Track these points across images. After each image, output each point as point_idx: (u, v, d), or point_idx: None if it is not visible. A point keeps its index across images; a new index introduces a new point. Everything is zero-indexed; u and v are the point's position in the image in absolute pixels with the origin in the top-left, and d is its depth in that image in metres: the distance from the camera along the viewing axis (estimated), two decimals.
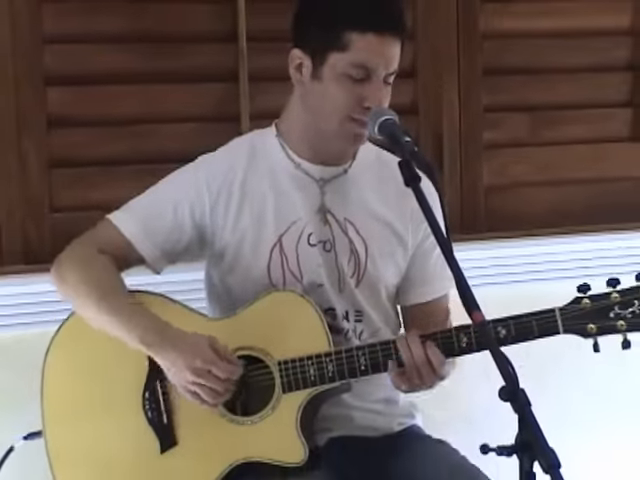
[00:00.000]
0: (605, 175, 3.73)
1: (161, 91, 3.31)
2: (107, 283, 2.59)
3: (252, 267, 2.65)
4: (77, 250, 2.65)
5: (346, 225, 2.68)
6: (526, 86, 3.63)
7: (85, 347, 2.65)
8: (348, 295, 2.69)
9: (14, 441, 2.78)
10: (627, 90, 3.72)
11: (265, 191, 2.66)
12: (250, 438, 2.55)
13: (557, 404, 3.54)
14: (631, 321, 2.44)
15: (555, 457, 1.90)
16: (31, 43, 3.16)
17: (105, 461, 2.60)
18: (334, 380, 2.53)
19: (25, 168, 3.19)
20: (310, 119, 2.63)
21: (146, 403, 2.59)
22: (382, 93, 2.56)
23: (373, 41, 2.53)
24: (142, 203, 2.68)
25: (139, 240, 2.64)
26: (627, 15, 3.68)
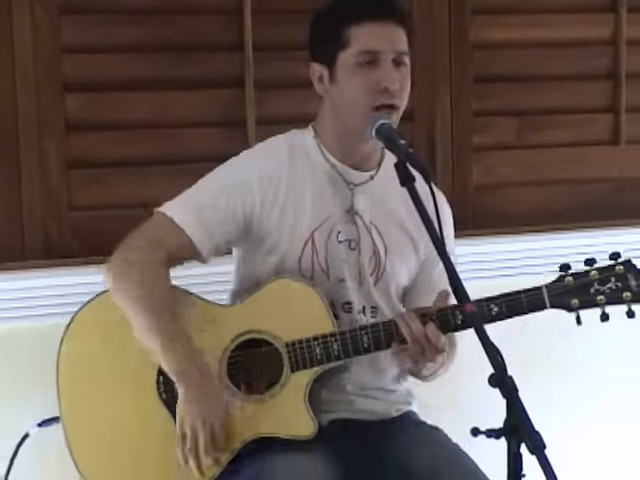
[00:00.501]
0: (587, 176, 3.73)
1: (172, 97, 3.30)
2: (167, 308, 2.56)
3: (286, 257, 2.66)
4: (143, 263, 2.59)
5: (371, 227, 2.70)
6: (513, 93, 3.63)
7: (99, 335, 2.64)
8: (365, 292, 2.70)
9: (29, 428, 2.77)
10: (607, 97, 3.72)
11: (306, 187, 2.67)
12: (261, 415, 2.55)
13: (542, 390, 3.54)
14: (609, 295, 2.50)
15: (540, 439, 1.91)
16: (51, 52, 3.16)
17: (122, 441, 2.60)
18: (340, 358, 2.54)
19: (45, 169, 3.18)
20: (340, 124, 2.65)
21: (160, 385, 2.58)
22: (394, 74, 2.56)
23: (370, 27, 2.57)
24: (196, 197, 2.66)
25: (196, 234, 2.61)
26: (608, 27, 3.69)
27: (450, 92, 3.56)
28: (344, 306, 2.67)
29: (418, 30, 3.44)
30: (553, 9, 3.65)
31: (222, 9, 3.32)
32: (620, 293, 2.50)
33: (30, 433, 2.77)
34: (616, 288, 2.50)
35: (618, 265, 2.51)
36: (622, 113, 3.72)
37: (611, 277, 2.51)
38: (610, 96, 3.72)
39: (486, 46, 3.59)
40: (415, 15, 3.47)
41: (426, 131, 3.54)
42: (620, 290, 2.50)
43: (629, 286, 2.50)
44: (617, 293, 2.50)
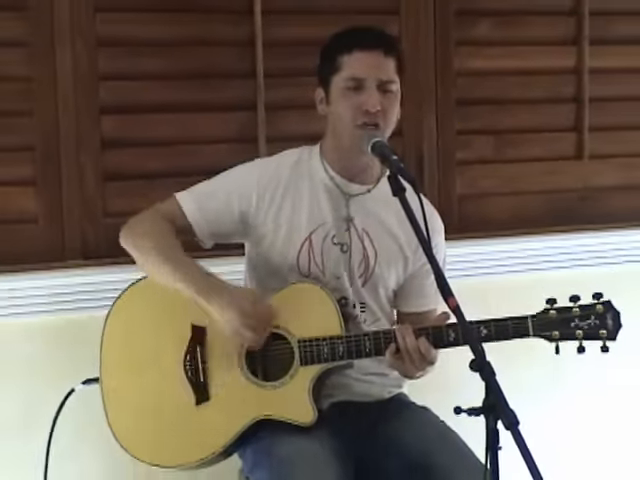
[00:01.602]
0: (555, 187, 3.73)
1: (193, 118, 3.31)
2: (172, 247, 2.61)
3: (285, 254, 2.68)
4: (148, 220, 2.67)
5: (363, 235, 2.70)
6: (491, 114, 3.63)
7: (138, 314, 2.66)
8: (355, 290, 2.72)
9: (74, 385, 2.77)
10: (572, 118, 3.72)
11: (304, 194, 2.69)
12: (270, 400, 2.57)
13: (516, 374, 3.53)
14: (587, 331, 2.50)
15: (515, 416, 1.92)
16: (89, 80, 3.17)
17: (149, 406, 2.62)
18: (343, 358, 2.56)
19: (83, 181, 3.19)
20: (336, 140, 2.68)
21: (187, 364, 2.60)
22: (376, 98, 2.57)
23: (359, 56, 2.59)
24: (203, 188, 2.72)
25: (194, 218, 2.67)
26: (572, 59, 3.69)
27: (436, 113, 3.56)
28: (341, 300, 2.68)
29: (408, 59, 3.43)
30: (526, 42, 3.65)
31: (237, 42, 3.32)
32: (597, 330, 2.50)
33: (75, 389, 2.77)
34: (594, 325, 2.50)
35: (599, 304, 2.50)
36: (585, 132, 3.72)
37: (591, 315, 2.50)
38: (575, 117, 3.72)
39: (468, 73, 3.59)
40: (405, 46, 3.47)
41: (415, 147, 3.53)
42: (597, 327, 2.50)
43: (606, 325, 2.49)
44: (594, 330, 2.50)
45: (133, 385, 2.63)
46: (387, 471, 2.60)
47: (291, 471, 2.43)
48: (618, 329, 2.50)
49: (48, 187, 3.16)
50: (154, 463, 2.61)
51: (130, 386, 2.63)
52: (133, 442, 2.61)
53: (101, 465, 3.16)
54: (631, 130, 3.80)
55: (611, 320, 2.49)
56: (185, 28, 3.27)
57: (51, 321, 3.13)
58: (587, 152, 3.73)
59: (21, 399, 3.13)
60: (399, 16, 3.48)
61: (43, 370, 3.14)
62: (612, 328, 2.49)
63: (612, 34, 3.74)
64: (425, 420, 2.71)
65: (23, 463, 3.09)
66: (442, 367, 2.90)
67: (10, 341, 3.11)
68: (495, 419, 1.96)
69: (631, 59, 3.78)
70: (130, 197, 3.22)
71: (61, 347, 3.14)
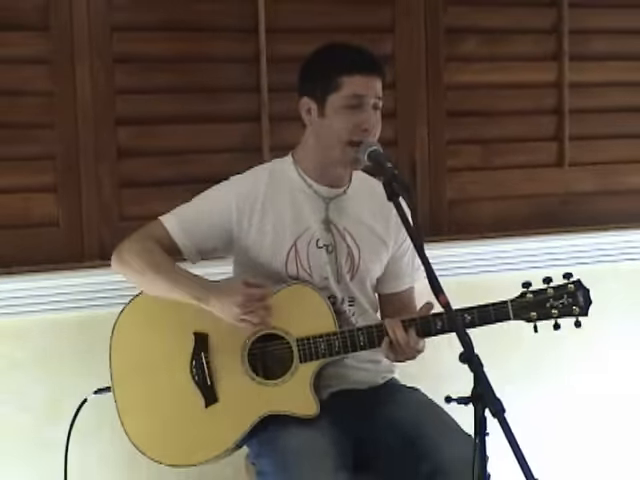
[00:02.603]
0: (538, 192, 3.73)
1: (202, 129, 3.31)
2: (163, 262, 2.61)
3: (272, 263, 2.67)
4: (137, 242, 2.66)
5: (344, 233, 2.70)
6: (479, 125, 3.64)
7: (145, 323, 2.65)
8: (344, 286, 2.71)
9: (87, 395, 2.78)
10: (553, 128, 3.73)
11: (285, 204, 2.68)
12: (274, 396, 2.57)
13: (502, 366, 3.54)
14: (561, 310, 2.53)
15: (501, 405, 1.92)
16: (106, 94, 3.17)
17: (162, 412, 2.62)
18: (340, 353, 2.57)
19: (101, 187, 3.20)
20: (320, 149, 2.66)
21: (193, 369, 2.59)
22: (374, 118, 2.59)
23: (359, 79, 2.59)
24: (186, 210, 2.70)
25: (179, 238, 2.66)
26: (553, 73, 3.70)
27: (428, 124, 3.56)
28: (329, 299, 2.67)
29: (401, 73, 3.49)
30: (510, 58, 3.66)
31: (243, 58, 3.33)
32: (570, 308, 2.53)
33: (88, 399, 2.77)
34: (567, 303, 2.53)
35: (570, 284, 2.54)
36: (565, 141, 3.72)
37: (564, 294, 2.53)
38: (556, 128, 3.72)
39: (457, 87, 3.60)
40: (398, 61, 3.50)
41: (408, 156, 3.54)
42: (570, 305, 2.53)
43: (578, 302, 2.53)
44: (568, 308, 2.53)
45: (143, 391, 2.62)
46: (383, 447, 2.60)
47: (294, 461, 2.44)
48: (589, 305, 2.54)
49: (68, 193, 3.17)
50: (171, 464, 2.61)
51: (140, 392, 2.62)
52: (148, 445, 2.60)
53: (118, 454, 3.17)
54: (608, 139, 3.81)
55: (582, 297, 2.53)
56: (194, 45, 3.27)
57: (71, 317, 3.14)
58: (567, 160, 3.74)
59: (43, 389, 3.13)
60: (393, 34, 3.48)
61: (63, 363, 3.14)
62: (583, 304, 2.53)
63: (590, 50, 3.75)
64: (415, 399, 2.73)
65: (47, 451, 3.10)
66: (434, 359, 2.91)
67: (33, 336, 3.11)
68: (483, 407, 1.96)
69: (608, 73, 3.78)
70: (144, 203, 3.22)
71: (81, 341, 3.14)
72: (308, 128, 2.68)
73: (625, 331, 3.81)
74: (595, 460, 3.77)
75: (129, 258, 2.63)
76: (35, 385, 3.12)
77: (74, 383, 3.07)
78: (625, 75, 3.81)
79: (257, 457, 2.62)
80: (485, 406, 1.95)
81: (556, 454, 3.67)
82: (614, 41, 3.77)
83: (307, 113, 2.66)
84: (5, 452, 3.11)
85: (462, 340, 2.02)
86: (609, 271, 3.74)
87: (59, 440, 2.89)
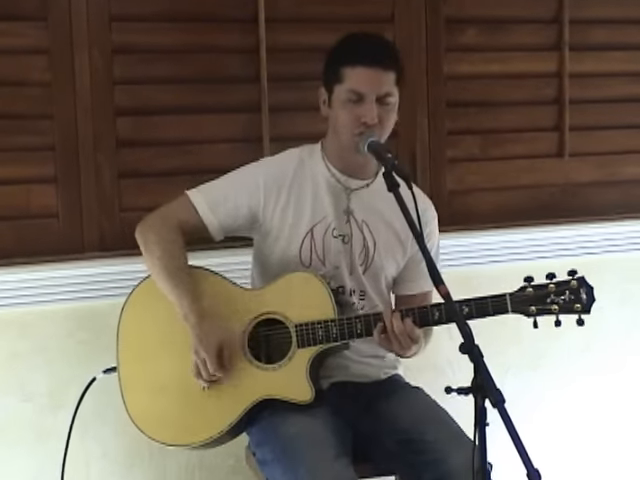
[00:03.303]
0: (538, 183, 3.72)
1: (202, 120, 3.30)
2: (177, 265, 2.61)
3: (288, 247, 2.69)
4: (162, 226, 2.67)
5: (362, 226, 2.71)
6: (479, 115, 3.63)
7: (152, 305, 2.67)
8: (356, 278, 2.72)
9: (96, 374, 2.78)
10: (554, 118, 3.71)
11: (307, 191, 2.69)
12: (271, 381, 2.58)
13: (502, 357, 3.54)
14: (562, 306, 2.48)
15: (501, 395, 1.92)
16: (105, 84, 3.16)
17: (162, 391, 2.63)
18: (337, 340, 2.56)
19: (100, 178, 3.19)
20: (335, 139, 2.66)
21: None
22: (374, 111, 2.57)
23: (362, 71, 2.57)
24: (213, 187, 2.72)
25: (206, 214, 2.67)
26: (554, 63, 3.68)
27: (428, 114, 3.55)
28: (339, 288, 2.68)
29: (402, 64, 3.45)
30: (511, 48, 3.64)
31: (242, 48, 3.31)
32: (572, 305, 2.48)
33: (97, 377, 2.78)
34: (569, 300, 2.48)
35: (573, 280, 2.48)
36: (566, 132, 3.71)
37: (566, 290, 2.48)
38: (556, 118, 3.71)
39: (457, 77, 3.59)
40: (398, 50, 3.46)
41: (408, 146, 3.53)
42: (572, 302, 2.48)
43: (580, 299, 2.48)
44: (569, 304, 2.48)
45: (147, 371, 2.64)
46: (383, 444, 2.61)
47: (294, 448, 2.45)
48: (592, 303, 2.49)
49: (68, 184, 3.16)
50: (167, 443, 2.63)
51: (144, 372, 2.65)
52: (148, 424, 2.63)
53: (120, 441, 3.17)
54: (609, 130, 3.80)
55: (585, 294, 2.48)
56: (194, 36, 3.26)
57: (71, 308, 3.14)
58: (568, 150, 3.73)
59: (44, 379, 3.14)
60: (393, 24, 3.47)
61: (63, 354, 3.14)
62: (586, 302, 2.48)
63: (591, 41, 3.73)
64: (417, 398, 2.73)
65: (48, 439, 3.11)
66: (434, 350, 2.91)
67: (34, 327, 3.11)
68: (483, 398, 1.96)
69: (608, 64, 3.77)
70: (144, 193, 3.22)
71: (81, 332, 3.14)
72: (329, 118, 2.69)
73: (624, 320, 3.80)
74: (595, 450, 3.77)
75: (151, 245, 2.64)
76: (36, 375, 3.13)
77: (75, 373, 3.08)
78: (626, 65, 3.80)
79: (258, 446, 2.62)
80: (485, 396, 1.94)
81: (556, 444, 3.67)
82: (615, 31, 3.76)
83: (323, 104, 2.69)
84: (7, 442, 3.12)
85: (462, 331, 2.02)
86: (610, 261, 3.73)
87: (61, 430, 2.90)
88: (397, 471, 2.69)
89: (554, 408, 3.72)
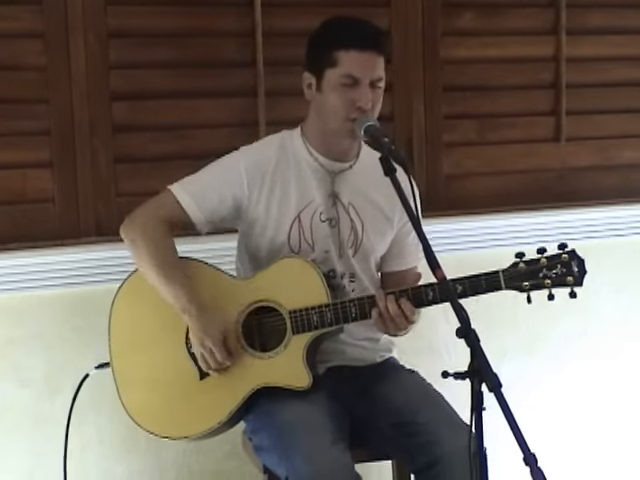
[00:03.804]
0: (535, 167, 3.72)
1: (199, 104, 3.29)
2: (167, 259, 2.60)
3: (276, 234, 2.66)
4: (148, 222, 2.64)
5: (349, 208, 2.69)
6: (475, 100, 3.62)
7: (142, 298, 2.65)
8: (346, 261, 2.71)
9: (89, 370, 2.78)
10: (551, 103, 3.71)
11: (291, 177, 2.67)
12: (268, 369, 2.57)
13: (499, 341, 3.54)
14: (555, 279, 2.48)
15: (497, 379, 1.93)
16: (100, 68, 3.15)
17: (157, 384, 2.62)
18: (332, 325, 2.55)
19: (96, 163, 3.18)
20: (321, 124, 2.64)
21: (188, 341, 2.60)
22: (369, 95, 2.56)
23: (355, 55, 2.55)
24: (196, 180, 2.69)
25: (190, 208, 2.64)
26: (550, 47, 3.67)
27: (424, 99, 3.54)
28: (329, 273, 2.67)
29: (397, 48, 3.47)
30: (507, 32, 3.63)
31: (238, 32, 3.30)
32: (564, 278, 2.48)
33: (90, 374, 2.77)
34: (561, 273, 2.48)
35: (564, 254, 2.49)
36: (562, 116, 3.70)
37: (557, 264, 2.48)
38: (553, 102, 3.71)
39: (453, 62, 3.58)
40: (395, 37, 3.47)
41: (405, 131, 3.52)
42: (564, 275, 2.48)
43: (572, 272, 2.48)
44: (562, 278, 2.48)
45: (140, 365, 2.63)
46: (378, 428, 2.61)
47: (291, 434, 2.45)
48: (583, 275, 2.49)
49: (64, 169, 3.15)
50: (164, 435, 2.62)
51: (138, 366, 2.63)
52: (145, 418, 2.61)
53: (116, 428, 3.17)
54: (605, 114, 3.79)
55: (576, 267, 2.48)
56: (190, 20, 3.25)
57: (68, 293, 3.13)
58: (564, 135, 3.72)
59: (42, 365, 3.13)
60: (390, 8, 3.46)
61: (60, 339, 3.14)
62: (578, 275, 2.48)
63: (588, 25, 3.72)
64: (412, 382, 2.73)
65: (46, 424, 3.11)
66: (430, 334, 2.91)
67: (31, 312, 3.11)
68: (479, 382, 1.96)
69: (605, 48, 3.76)
70: (140, 178, 3.21)
71: (78, 317, 3.14)
72: (311, 102, 2.67)
73: (621, 304, 3.80)
74: (590, 434, 3.78)
75: (138, 241, 2.62)
76: (33, 361, 3.12)
77: (72, 359, 3.08)
78: (623, 49, 3.79)
79: (254, 432, 2.62)
80: (482, 381, 1.95)
81: (552, 428, 3.68)
82: (612, 15, 3.75)
83: (308, 88, 2.66)
84: (5, 428, 3.12)
85: (459, 315, 2.02)
86: (605, 245, 3.73)
87: (58, 415, 2.90)
88: (392, 455, 2.70)
89: (550, 393, 3.72)
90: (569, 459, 3.71)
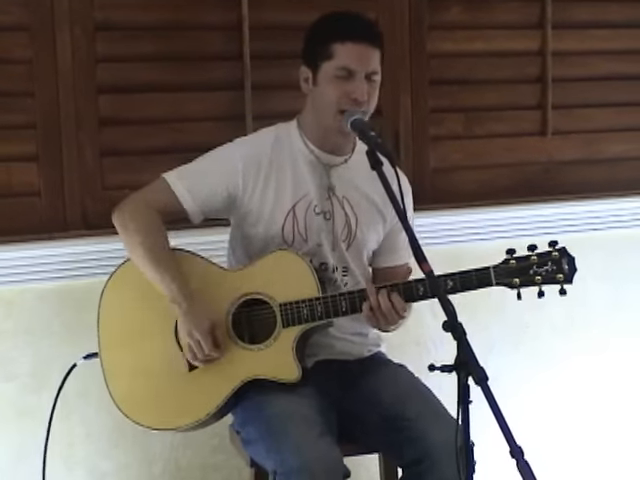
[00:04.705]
0: (521, 161, 3.73)
1: (185, 98, 3.29)
2: (159, 248, 2.60)
3: (270, 226, 2.67)
4: (141, 209, 2.64)
5: (343, 202, 2.70)
6: (462, 94, 3.62)
7: (131, 289, 2.65)
8: (339, 254, 2.71)
9: (76, 360, 2.77)
10: (537, 97, 3.71)
11: (286, 169, 2.67)
12: (257, 361, 2.57)
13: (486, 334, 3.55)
14: (545, 276, 2.49)
15: (484, 372, 1.93)
16: (87, 62, 3.14)
17: (146, 375, 2.62)
18: (322, 318, 2.55)
19: (82, 157, 3.17)
20: (316, 117, 2.66)
21: (177, 333, 2.58)
22: (364, 88, 2.57)
23: (351, 47, 2.56)
24: (191, 170, 2.69)
25: (183, 197, 2.64)
26: (536, 41, 3.68)
27: (411, 92, 3.54)
28: (321, 265, 2.67)
29: (385, 42, 3.41)
30: (493, 26, 3.63)
31: (225, 25, 3.29)
32: (555, 275, 2.50)
33: (77, 364, 2.77)
34: (552, 271, 2.49)
35: (555, 251, 2.50)
36: (549, 110, 3.70)
37: (548, 261, 2.50)
38: (539, 96, 3.71)
39: (440, 55, 3.58)
40: (382, 30, 3.43)
41: (392, 124, 3.52)
42: (555, 272, 2.50)
43: (562, 269, 2.49)
44: (552, 275, 2.50)
45: (129, 356, 2.63)
46: (366, 422, 2.62)
47: (279, 427, 2.45)
48: (573, 273, 2.51)
49: (50, 163, 3.14)
50: (153, 427, 2.62)
51: (127, 357, 2.63)
52: (133, 409, 2.61)
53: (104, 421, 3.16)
54: (591, 108, 3.80)
55: (567, 265, 2.50)
56: (177, 13, 3.23)
57: (55, 287, 3.12)
58: (550, 129, 3.72)
59: (28, 358, 3.12)
60: (377, 2, 3.45)
61: (47, 332, 3.13)
62: (568, 272, 2.50)
63: (574, 19, 3.73)
64: (400, 376, 2.73)
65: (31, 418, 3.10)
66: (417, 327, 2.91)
67: (17, 306, 3.10)
68: (466, 375, 1.96)
69: (591, 42, 3.76)
70: (126, 171, 3.20)
71: (65, 311, 3.13)
72: (308, 96, 2.67)
73: (608, 298, 3.81)
74: (578, 427, 3.79)
75: (130, 228, 2.62)
76: (20, 354, 3.11)
77: (59, 352, 3.07)
78: (608, 43, 3.79)
79: (242, 425, 2.62)
80: (468, 374, 1.95)
81: (539, 421, 3.69)
82: (597, 9, 3.75)
83: (305, 82, 2.67)
84: None
85: (445, 308, 2.02)
86: (592, 239, 3.73)
87: (44, 408, 2.89)
88: (380, 449, 2.70)
89: (537, 386, 3.73)
90: (556, 452, 3.72)
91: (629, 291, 3.84)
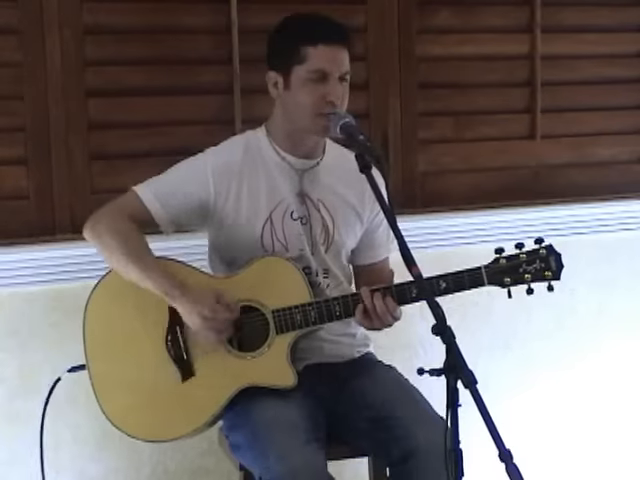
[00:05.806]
0: (510, 164, 3.74)
1: (174, 101, 3.29)
2: (137, 250, 2.58)
3: (248, 236, 2.65)
4: (112, 218, 2.61)
5: (319, 205, 2.69)
6: (451, 97, 3.63)
7: (118, 299, 2.63)
8: (318, 257, 2.71)
9: (61, 373, 2.76)
10: (526, 100, 3.73)
11: (259, 177, 2.66)
12: (252, 369, 2.56)
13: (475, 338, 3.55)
14: (534, 274, 2.52)
15: (473, 376, 1.94)
16: (76, 65, 3.14)
17: (138, 387, 2.59)
18: (316, 323, 2.56)
19: (71, 160, 3.17)
20: (289, 122, 2.64)
21: (169, 344, 2.58)
22: (339, 89, 2.56)
23: (323, 50, 2.55)
24: (161, 180, 2.66)
25: (154, 208, 2.62)
26: (526, 45, 3.69)
27: (400, 96, 3.55)
28: (304, 270, 2.65)
29: (373, 45, 3.47)
30: (483, 30, 3.65)
31: (214, 30, 3.30)
32: (543, 272, 2.52)
33: (62, 377, 2.75)
34: (540, 268, 2.52)
35: (542, 249, 2.53)
36: (538, 114, 3.72)
37: (536, 259, 2.52)
38: (528, 100, 3.72)
39: (429, 59, 3.59)
40: (371, 34, 3.48)
41: (381, 128, 3.53)
42: (543, 270, 2.52)
43: (550, 266, 2.52)
44: (541, 272, 2.52)
45: (120, 368, 2.60)
46: (355, 422, 2.62)
47: (266, 433, 2.44)
48: (561, 269, 2.54)
49: (39, 166, 3.14)
50: (149, 439, 2.61)
51: (117, 369, 2.60)
52: (127, 422, 2.58)
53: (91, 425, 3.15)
54: (580, 111, 3.82)
55: (554, 262, 2.53)
56: (166, 17, 3.24)
57: (43, 291, 3.11)
58: (539, 132, 3.74)
59: (16, 362, 3.11)
60: (366, 5, 3.46)
61: (35, 336, 3.12)
62: (555, 269, 2.53)
63: (563, 23, 3.74)
64: (389, 377, 2.73)
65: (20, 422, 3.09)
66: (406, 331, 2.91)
67: (5, 310, 3.09)
68: (455, 379, 1.96)
69: (580, 46, 3.78)
70: (115, 175, 3.19)
71: (53, 315, 3.12)
72: (276, 101, 2.66)
73: (595, 302, 3.82)
74: (567, 430, 3.80)
75: (105, 235, 2.59)
76: (7, 358, 3.11)
77: (47, 356, 3.07)
78: (597, 47, 3.81)
79: (230, 430, 2.62)
80: (457, 378, 1.95)
81: (528, 425, 3.69)
82: (586, 13, 3.77)
83: (274, 86, 2.64)
84: None
85: (434, 312, 2.02)
86: (579, 242, 3.74)
87: (32, 413, 2.88)
88: (368, 450, 2.70)
89: (526, 389, 3.73)
90: (544, 455, 3.73)
91: (617, 295, 3.85)
